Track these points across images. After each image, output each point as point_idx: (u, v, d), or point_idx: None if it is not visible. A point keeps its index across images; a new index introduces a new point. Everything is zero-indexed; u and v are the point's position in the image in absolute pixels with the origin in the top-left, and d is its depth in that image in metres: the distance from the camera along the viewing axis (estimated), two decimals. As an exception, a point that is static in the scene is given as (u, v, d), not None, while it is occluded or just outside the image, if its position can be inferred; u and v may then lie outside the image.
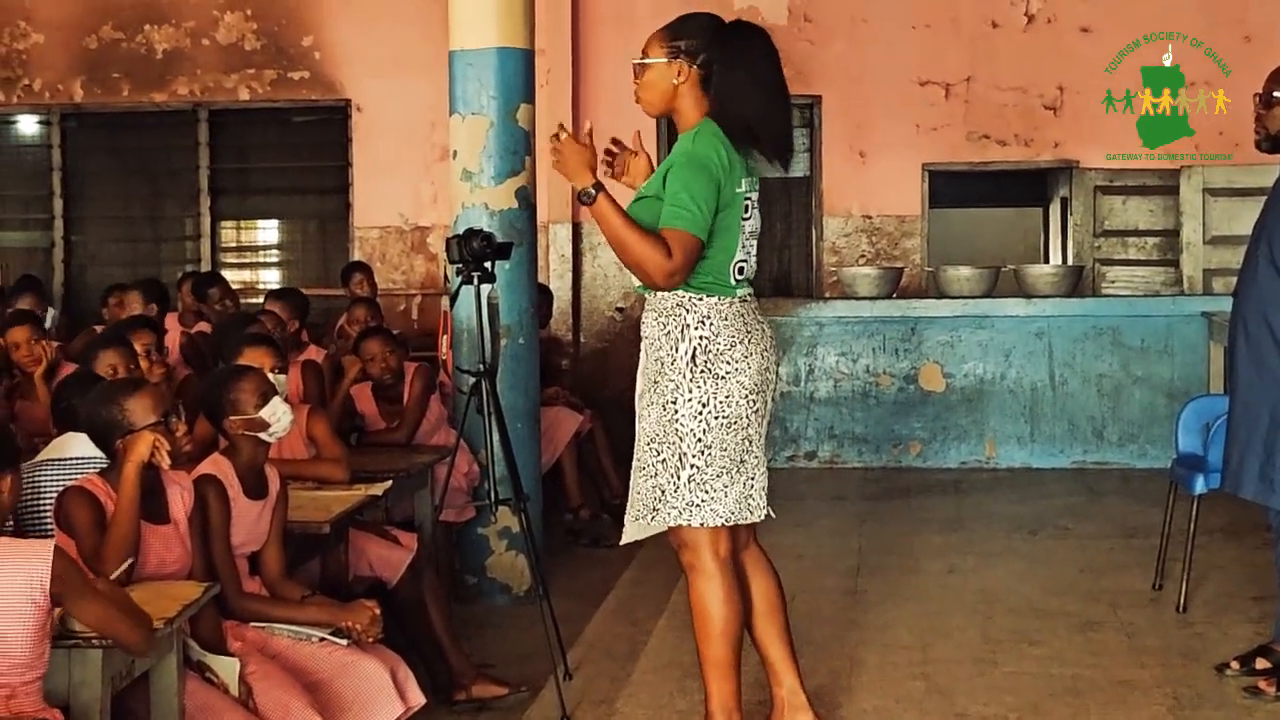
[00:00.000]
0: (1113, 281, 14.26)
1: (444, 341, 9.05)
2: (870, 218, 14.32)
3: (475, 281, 7.32)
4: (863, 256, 14.27)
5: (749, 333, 5.64)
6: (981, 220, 18.37)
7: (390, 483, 7.22)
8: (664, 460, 5.64)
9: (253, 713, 5.08)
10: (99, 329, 9.92)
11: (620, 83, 6.06)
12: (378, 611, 5.69)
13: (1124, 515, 10.50)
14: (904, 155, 14.23)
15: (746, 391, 5.61)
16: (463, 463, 8.37)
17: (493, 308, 7.43)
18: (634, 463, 5.79)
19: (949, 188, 15.15)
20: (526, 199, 8.58)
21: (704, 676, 5.77)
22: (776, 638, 5.91)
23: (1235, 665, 6.90)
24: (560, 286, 13.98)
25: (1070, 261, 14.32)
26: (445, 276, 13.12)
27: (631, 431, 5.79)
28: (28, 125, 15.23)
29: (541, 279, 11.25)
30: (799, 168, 14.47)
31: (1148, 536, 9.12)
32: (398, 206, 14.54)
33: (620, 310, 14.38)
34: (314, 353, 9.56)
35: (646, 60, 5.75)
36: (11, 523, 4.97)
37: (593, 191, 5.58)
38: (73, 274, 15.02)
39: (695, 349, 5.58)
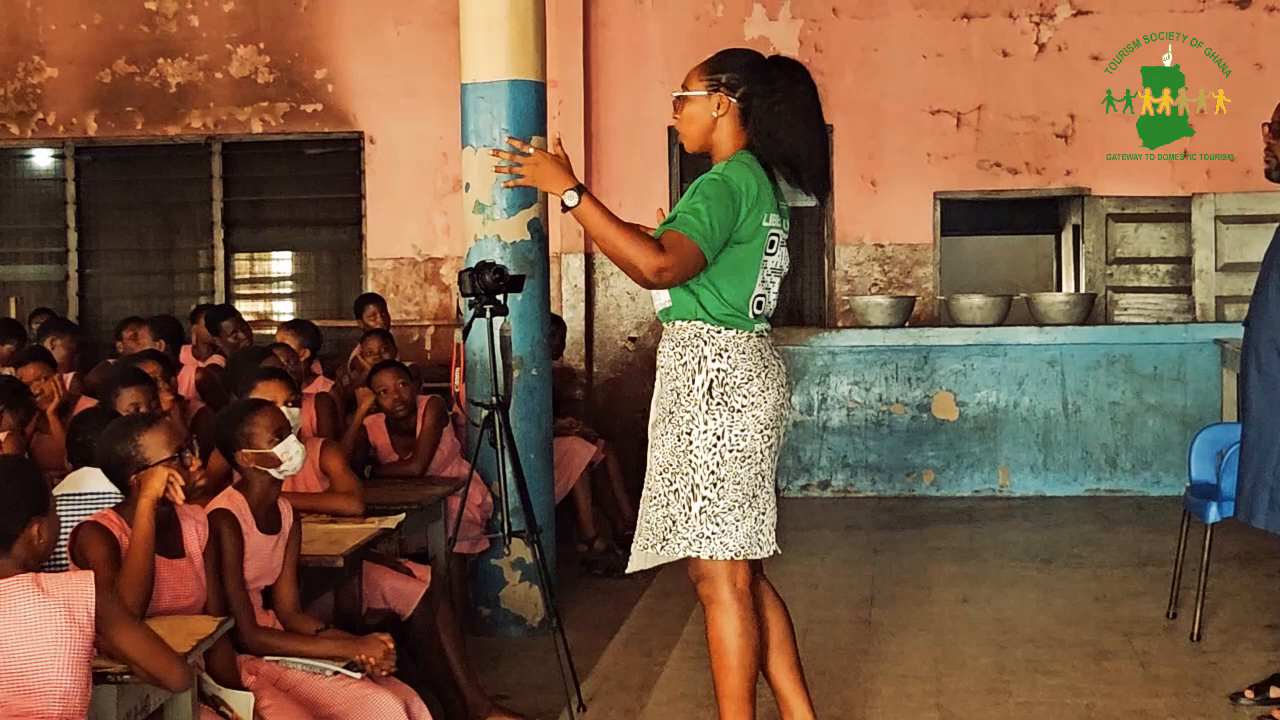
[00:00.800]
0: (1125, 309, 14.26)
1: (457, 374, 9.09)
2: (882, 246, 14.33)
3: (488, 314, 7.35)
4: (875, 285, 14.28)
5: (766, 367, 5.65)
6: (993, 248, 18.37)
7: (404, 515, 7.22)
8: (676, 490, 5.64)
9: (267, 747, 5.10)
10: (113, 362, 9.94)
11: (632, 114, 6.08)
12: (391, 645, 5.70)
13: (1138, 543, 10.49)
14: (916, 184, 14.24)
15: (761, 426, 5.61)
16: (476, 494, 8.38)
17: (505, 340, 7.46)
18: (644, 491, 5.79)
19: (961, 216, 15.16)
20: (539, 230, 8.60)
21: (719, 709, 5.77)
22: (787, 670, 5.91)
23: (1250, 694, 6.89)
24: (573, 317, 14.00)
25: (1083, 289, 14.31)
26: (458, 308, 13.14)
27: (645, 462, 5.80)
28: (42, 159, 15.27)
29: (554, 310, 11.29)
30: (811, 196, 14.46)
31: (1161, 565, 9.12)
32: (410, 238, 14.57)
33: (633, 340, 14.39)
34: (322, 384, 9.57)
35: (687, 93, 5.77)
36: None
37: (575, 194, 5.57)
38: (87, 307, 15.06)
39: (712, 381, 5.58)
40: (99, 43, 14.81)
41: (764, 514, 5.70)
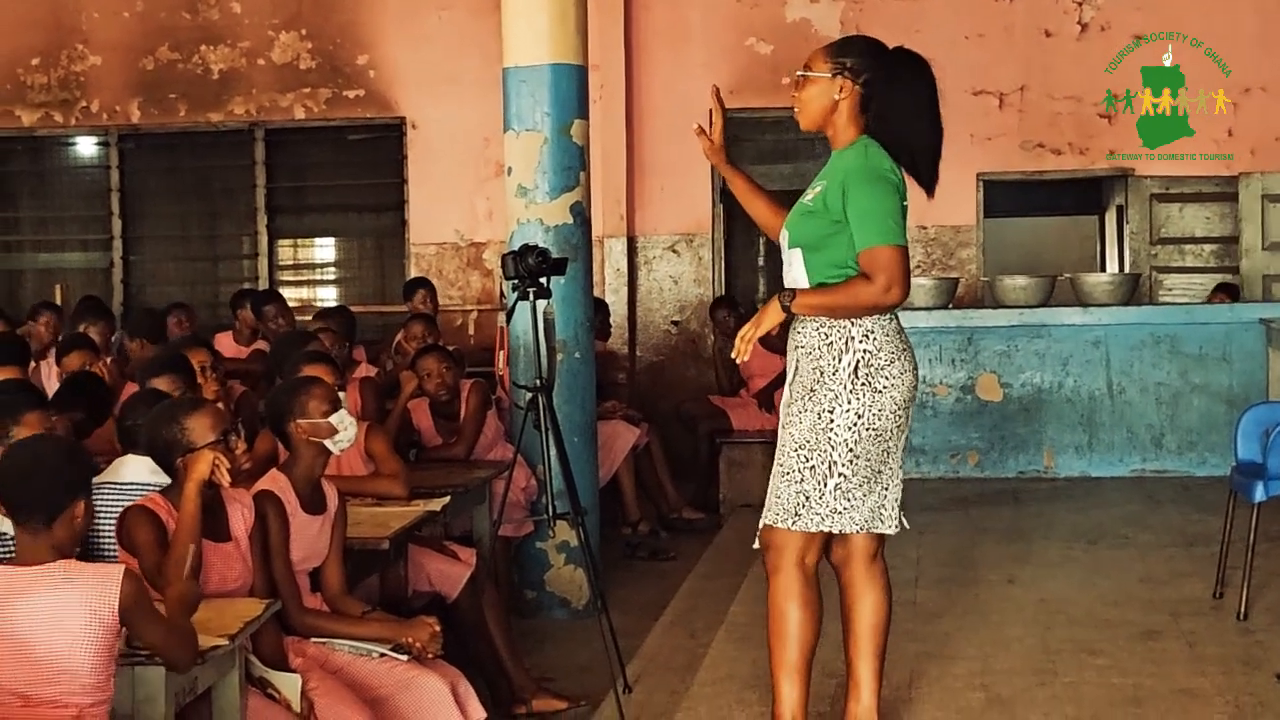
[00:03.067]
0: (1170, 289, 14.20)
1: (500, 357, 9.10)
2: (925, 228, 14.29)
3: (531, 297, 7.36)
4: (918, 267, 14.23)
5: (905, 350, 5.72)
6: (1037, 229, 18.31)
7: (449, 498, 7.25)
8: (812, 467, 5.66)
9: (314, 728, 5.12)
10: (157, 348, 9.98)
11: (673, 97, 6.08)
12: (438, 627, 5.72)
13: (1183, 524, 10.45)
14: (958, 165, 14.13)
15: (897, 406, 5.66)
16: (520, 478, 8.40)
17: (548, 323, 7.47)
18: (775, 467, 5.81)
19: (1004, 197, 15.11)
20: (581, 214, 8.61)
21: (774, 678, 5.79)
22: (871, 656, 5.93)
23: (1297, 673, 6.87)
24: (616, 301, 14.00)
25: (1127, 270, 14.25)
26: (501, 292, 13.15)
27: (687, 444, 5.81)
28: (86, 147, 15.33)
29: (597, 293, 11.28)
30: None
31: (1208, 545, 9.07)
32: (453, 223, 14.59)
33: (676, 324, 14.39)
34: (365, 369, 9.60)
35: (810, 74, 5.78)
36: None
37: (788, 303, 5.65)
38: (131, 294, 15.10)
39: (859, 362, 5.62)
40: (142, 30, 14.85)
41: (888, 489, 5.76)
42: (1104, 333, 12.44)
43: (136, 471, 5.69)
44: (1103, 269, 15.69)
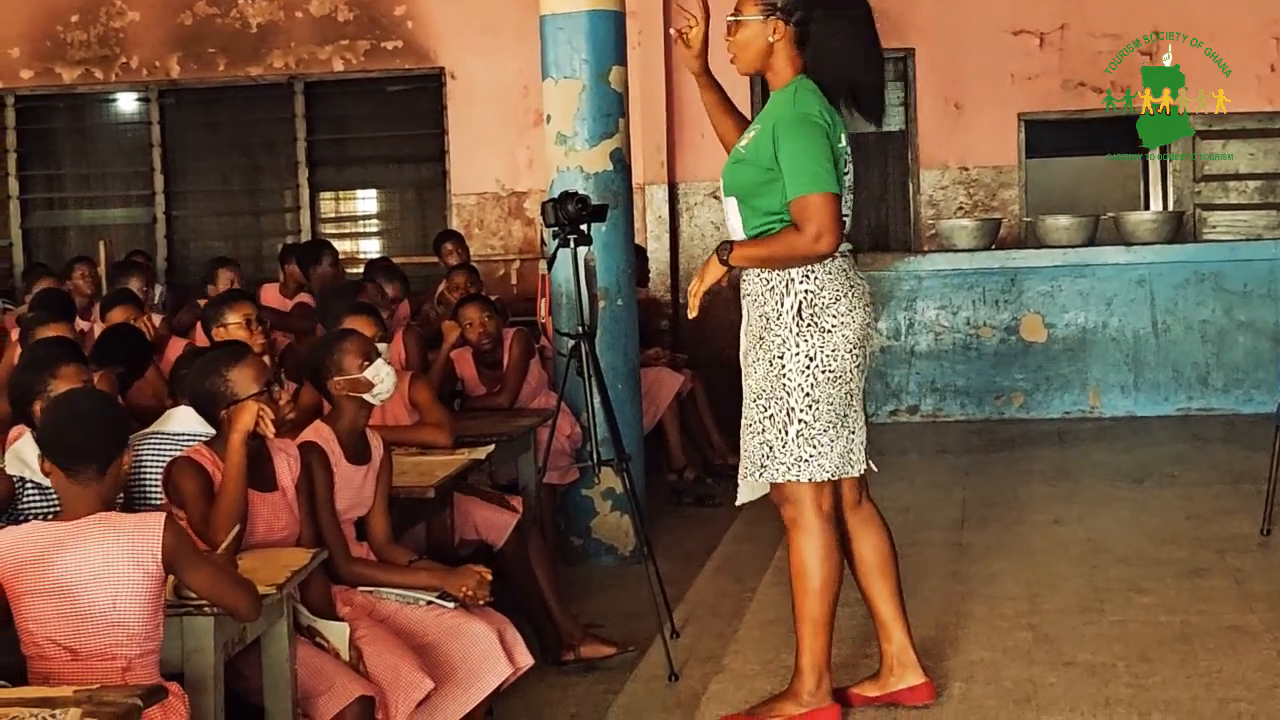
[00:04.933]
0: (1214, 226, 14.11)
1: (543, 305, 9.11)
2: (967, 169, 14.24)
3: (572, 244, 7.35)
4: (960, 209, 14.18)
5: (852, 287, 5.67)
6: (1079, 169, 18.20)
7: (493, 446, 7.26)
8: (771, 416, 5.66)
9: (363, 676, 5.14)
10: (202, 303, 10.01)
11: (712, 42, 6.04)
12: (488, 575, 5.73)
13: (1230, 461, 10.43)
14: (999, 106, 14.12)
15: (851, 345, 5.63)
16: (565, 425, 8.41)
17: (590, 270, 7.46)
18: (743, 420, 5.81)
19: (1046, 137, 15.02)
20: (621, 161, 8.60)
21: (798, 631, 5.80)
22: (888, 595, 5.93)
23: (1346, 608, 6.86)
24: (658, 248, 13.98)
25: (1170, 208, 14.18)
26: (542, 240, 13.14)
27: (732, 391, 5.82)
28: (126, 103, 15.36)
29: (638, 241, 11.27)
30: (894, 121, 14.40)
31: (1255, 482, 9.05)
32: (494, 173, 14.57)
33: (718, 269, 14.34)
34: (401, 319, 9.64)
35: (741, 18, 5.75)
36: (121, 496, 5.04)
37: (725, 257, 5.67)
38: (175, 249, 15.14)
39: (801, 303, 5.59)
40: (179, -16, 14.87)
41: (854, 433, 5.72)
42: (1148, 271, 12.40)
43: (185, 422, 5.71)
44: (1146, 208, 15.61)
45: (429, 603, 5.62)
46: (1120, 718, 5.79)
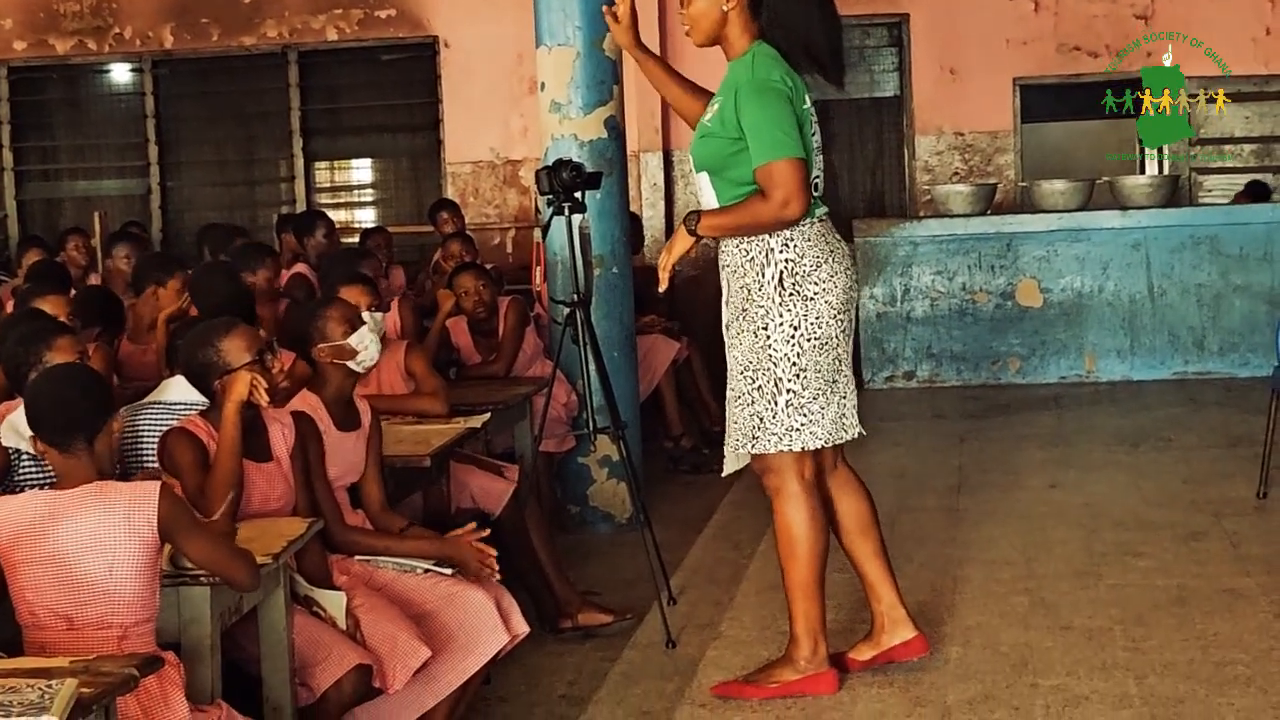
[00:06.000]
0: (1210, 190, 14.11)
1: (537, 273, 9.10)
2: (962, 134, 14.23)
3: (566, 212, 7.34)
4: (955, 174, 14.18)
5: (832, 252, 5.65)
6: (1075, 133, 18.17)
7: (489, 415, 7.27)
8: (759, 388, 5.65)
9: (360, 644, 5.14)
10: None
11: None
12: (488, 551, 5.69)
13: (1226, 425, 10.44)
14: (994, 70, 14.12)
15: (835, 311, 5.61)
16: (560, 393, 8.41)
17: (584, 237, 7.46)
18: (728, 393, 5.80)
19: (1041, 101, 15.00)
20: (615, 128, 8.59)
21: (789, 599, 5.81)
22: (872, 555, 5.93)
23: (1342, 571, 6.86)
24: (653, 215, 13.97)
25: (1166, 172, 14.17)
26: (537, 209, 13.14)
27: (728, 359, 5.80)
28: (120, 74, 15.34)
29: (633, 208, 11.25)
30: (889, 87, 14.40)
31: (1251, 445, 9.05)
32: (488, 141, 14.56)
33: (714, 237, 14.33)
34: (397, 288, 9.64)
35: None
36: (119, 467, 5.04)
37: (693, 227, 5.65)
38: (170, 219, 15.14)
39: (782, 273, 5.57)
40: (172, -45, 14.84)
41: (845, 398, 5.72)
42: (1144, 235, 12.40)
43: (181, 391, 5.71)
44: (1142, 172, 15.59)
45: (425, 570, 5.62)
46: (1117, 681, 5.79)
